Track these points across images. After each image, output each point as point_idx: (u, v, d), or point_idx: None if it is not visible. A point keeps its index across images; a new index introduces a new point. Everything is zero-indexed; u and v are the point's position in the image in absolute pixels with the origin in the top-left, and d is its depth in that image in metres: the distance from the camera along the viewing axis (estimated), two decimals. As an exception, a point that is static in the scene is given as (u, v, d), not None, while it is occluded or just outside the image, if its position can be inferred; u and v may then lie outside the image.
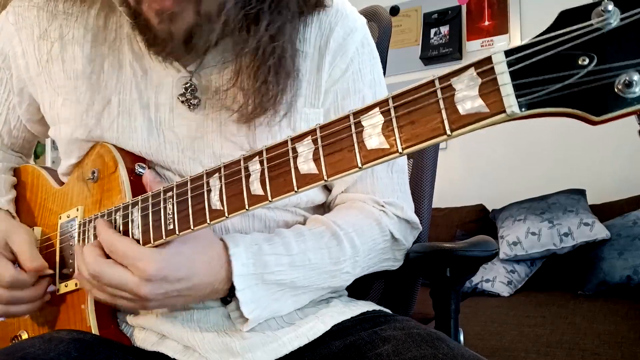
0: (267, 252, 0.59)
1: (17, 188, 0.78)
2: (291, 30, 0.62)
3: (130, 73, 0.65)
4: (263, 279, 0.58)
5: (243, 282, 0.56)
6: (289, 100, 0.63)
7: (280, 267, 0.59)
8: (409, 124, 0.39)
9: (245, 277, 0.56)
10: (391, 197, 0.70)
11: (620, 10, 0.32)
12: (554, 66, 0.34)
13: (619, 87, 0.32)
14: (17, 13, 0.69)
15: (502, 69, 0.35)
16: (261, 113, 0.61)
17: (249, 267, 0.57)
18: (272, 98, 0.60)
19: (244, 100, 0.61)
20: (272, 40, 0.60)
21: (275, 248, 0.59)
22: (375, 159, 0.40)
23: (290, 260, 0.59)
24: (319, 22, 0.68)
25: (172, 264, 0.53)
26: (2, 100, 0.74)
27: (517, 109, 0.34)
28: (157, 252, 0.53)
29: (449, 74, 0.37)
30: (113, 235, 0.55)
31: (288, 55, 0.61)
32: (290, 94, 0.62)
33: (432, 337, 0.54)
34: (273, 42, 0.60)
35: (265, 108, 0.61)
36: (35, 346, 0.54)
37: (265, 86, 0.60)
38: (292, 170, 0.45)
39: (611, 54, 0.32)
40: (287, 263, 0.59)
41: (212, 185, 0.50)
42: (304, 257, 0.60)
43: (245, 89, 0.61)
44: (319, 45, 0.67)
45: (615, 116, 0.32)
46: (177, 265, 0.53)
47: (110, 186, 0.63)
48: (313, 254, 0.61)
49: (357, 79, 0.69)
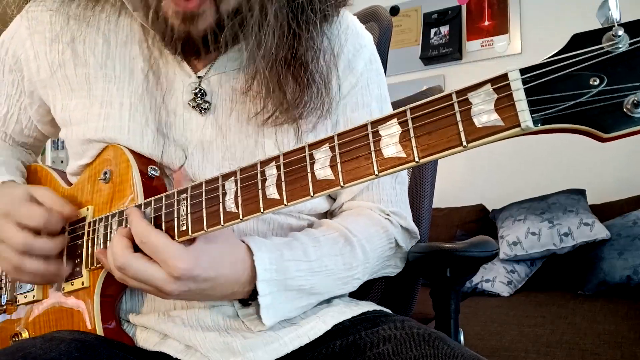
0: (288, 257, 0.59)
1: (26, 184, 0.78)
2: (306, 40, 0.63)
3: (141, 77, 0.66)
4: (285, 285, 0.58)
5: (266, 288, 0.57)
6: (300, 108, 0.64)
7: (300, 272, 0.59)
8: (426, 135, 0.41)
9: (269, 282, 0.57)
10: (395, 207, 0.73)
11: (629, 36, 0.34)
12: (567, 85, 0.36)
13: (628, 106, 0.34)
14: (30, 17, 0.70)
15: (518, 86, 0.37)
16: (271, 119, 0.62)
17: (272, 272, 0.57)
18: (284, 105, 0.62)
19: (255, 106, 0.62)
20: (288, 47, 0.61)
21: (295, 254, 0.60)
22: (392, 167, 0.42)
23: (309, 266, 0.60)
24: (330, 37, 0.69)
25: (201, 263, 0.53)
26: (14, 102, 0.75)
27: (531, 123, 0.36)
28: (187, 251, 0.53)
29: (466, 88, 0.39)
30: (147, 227, 0.54)
31: (303, 65, 0.62)
32: (302, 102, 0.63)
33: (433, 337, 0.54)
34: (289, 49, 0.61)
35: (276, 115, 0.62)
36: (36, 346, 0.54)
37: (278, 93, 0.61)
38: (308, 175, 0.46)
39: (620, 76, 0.34)
40: (306, 269, 0.60)
41: (228, 189, 0.51)
42: (321, 263, 0.61)
43: (258, 95, 0.62)
44: (329, 59, 0.68)
45: (623, 134, 0.34)
46: (205, 265, 0.53)
47: (122, 187, 0.64)
48: (329, 260, 0.62)
49: (365, 93, 0.72)
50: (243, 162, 0.62)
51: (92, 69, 0.66)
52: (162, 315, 0.63)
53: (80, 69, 0.67)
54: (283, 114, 0.62)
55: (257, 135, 0.65)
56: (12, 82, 0.74)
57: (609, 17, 0.34)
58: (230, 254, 0.56)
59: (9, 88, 0.74)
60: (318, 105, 0.66)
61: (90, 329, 0.62)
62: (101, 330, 0.62)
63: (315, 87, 0.65)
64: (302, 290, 0.60)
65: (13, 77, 0.73)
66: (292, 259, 0.59)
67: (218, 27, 0.59)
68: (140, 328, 0.64)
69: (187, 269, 0.52)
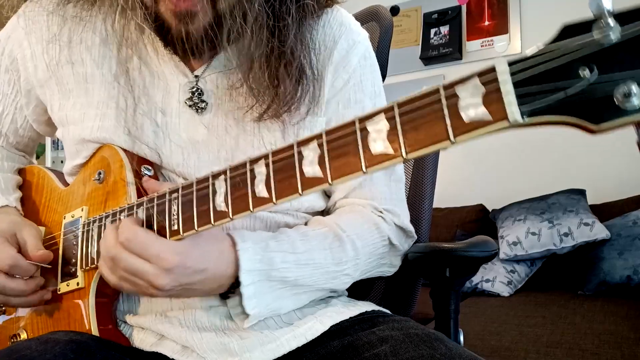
0: (274, 249, 0.59)
1: (22, 188, 0.78)
2: (300, 36, 0.64)
3: (138, 77, 0.66)
4: (268, 275, 0.58)
5: (249, 278, 0.57)
6: (295, 105, 0.64)
7: (285, 264, 0.59)
8: (414, 130, 0.40)
9: (252, 272, 0.57)
10: (389, 205, 0.72)
11: (620, 25, 0.33)
12: (556, 76, 0.35)
13: (618, 97, 0.33)
14: (27, 17, 0.71)
15: (506, 79, 0.36)
16: (268, 116, 0.63)
17: (255, 263, 0.57)
18: (279, 102, 0.62)
19: (251, 104, 0.63)
20: (282, 45, 0.61)
21: (281, 245, 0.60)
22: (379, 163, 0.41)
23: (296, 258, 0.60)
24: (324, 34, 0.69)
25: (191, 255, 0.53)
26: (9, 101, 0.75)
27: (519, 116, 0.35)
28: (177, 244, 0.53)
29: (453, 82, 0.38)
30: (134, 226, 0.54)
31: (296, 61, 0.63)
32: (297, 99, 0.64)
33: (431, 338, 0.54)
34: (283, 47, 0.61)
35: (271, 113, 0.62)
36: (31, 348, 0.54)
37: (274, 90, 0.62)
38: (297, 173, 0.46)
39: (611, 66, 0.33)
40: (292, 261, 0.60)
41: (218, 187, 0.51)
42: (309, 256, 0.61)
43: (254, 92, 0.62)
44: (322, 56, 0.68)
45: (614, 126, 0.33)
46: (196, 257, 0.54)
47: (116, 187, 0.64)
48: (317, 254, 0.62)
49: (358, 90, 0.72)
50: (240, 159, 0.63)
51: (89, 69, 0.67)
52: (159, 316, 0.63)
53: (77, 68, 0.67)
54: (279, 109, 0.63)
55: (253, 132, 0.65)
56: (8, 82, 0.74)
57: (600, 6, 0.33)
58: (215, 246, 0.56)
59: (4, 87, 0.74)
60: (311, 99, 0.67)
61: (87, 329, 0.62)
62: (96, 331, 0.62)
63: (309, 82, 0.66)
64: (286, 281, 0.60)
65: (9, 76, 0.73)
66: (277, 250, 0.60)
67: (216, 25, 0.59)
68: (137, 329, 0.64)
69: (179, 260, 0.52)
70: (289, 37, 0.62)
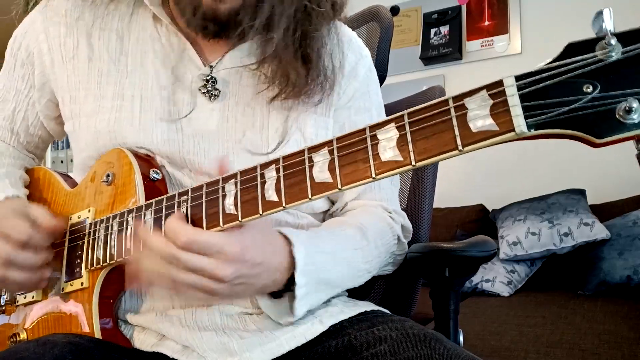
0: (321, 249, 0.61)
1: (29, 188, 0.79)
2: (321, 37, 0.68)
3: (152, 70, 0.68)
4: (318, 277, 0.60)
5: (303, 279, 0.57)
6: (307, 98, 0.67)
7: (327, 265, 0.61)
8: (423, 139, 0.42)
9: (307, 273, 0.58)
10: (394, 206, 0.77)
11: (622, 45, 0.35)
12: (561, 92, 0.37)
13: (620, 113, 0.35)
14: (44, 11, 0.72)
15: (513, 92, 0.38)
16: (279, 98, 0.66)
17: (308, 264, 0.58)
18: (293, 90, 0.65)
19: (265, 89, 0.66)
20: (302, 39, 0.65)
21: (324, 247, 0.62)
22: (390, 170, 0.43)
23: (334, 259, 0.62)
24: (334, 45, 0.73)
25: (249, 246, 0.52)
26: (22, 97, 0.76)
27: (525, 128, 0.37)
28: (234, 235, 0.52)
29: (462, 94, 0.40)
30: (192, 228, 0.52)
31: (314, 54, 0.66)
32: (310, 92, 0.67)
33: (429, 338, 0.54)
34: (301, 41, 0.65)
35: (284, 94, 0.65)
36: (29, 350, 0.54)
37: (286, 79, 0.65)
38: (307, 178, 0.47)
39: (613, 83, 0.36)
40: (332, 261, 0.62)
41: (228, 191, 0.52)
42: (344, 256, 0.64)
43: (268, 79, 0.66)
44: (333, 66, 0.71)
45: (615, 139, 0.36)
46: (256, 249, 0.53)
47: (124, 189, 0.64)
48: (350, 253, 0.65)
49: (366, 98, 0.78)
50: (251, 146, 0.66)
51: (105, 64, 0.69)
52: (160, 315, 0.63)
53: (94, 63, 0.69)
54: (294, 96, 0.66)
55: (262, 123, 0.67)
56: (22, 77, 0.75)
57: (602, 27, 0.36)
58: (271, 242, 0.57)
59: (18, 83, 0.75)
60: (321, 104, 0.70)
61: (88, 330, 0.62)
62: (99, 331, 0.62)
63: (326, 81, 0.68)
64: (329, 283, 0.62)
65: (24, 71, 0.75)
66: (322, 251, 0.61)
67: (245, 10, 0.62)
68: (138, 329, 0.65)
69: (240, 250, 0.51)
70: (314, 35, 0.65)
